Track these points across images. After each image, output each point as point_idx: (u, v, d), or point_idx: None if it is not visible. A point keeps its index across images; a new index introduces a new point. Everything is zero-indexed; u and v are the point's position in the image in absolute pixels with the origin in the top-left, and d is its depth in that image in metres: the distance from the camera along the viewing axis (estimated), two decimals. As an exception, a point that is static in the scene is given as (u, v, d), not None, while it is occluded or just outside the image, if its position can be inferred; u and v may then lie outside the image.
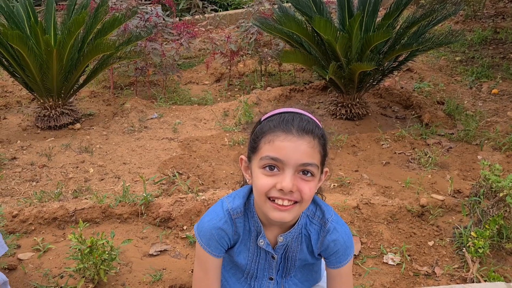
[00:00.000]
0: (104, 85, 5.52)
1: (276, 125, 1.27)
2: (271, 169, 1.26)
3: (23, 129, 4.28)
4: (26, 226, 2.69)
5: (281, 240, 1.45)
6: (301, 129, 1.25)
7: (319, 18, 3.47)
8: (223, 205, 1.44)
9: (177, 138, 3.98)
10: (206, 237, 1.43)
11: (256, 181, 1.29)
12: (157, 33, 5.00)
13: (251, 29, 5.11)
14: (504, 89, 4.91)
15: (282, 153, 1.23)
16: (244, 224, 1.45)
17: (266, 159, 1.25)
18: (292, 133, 1.24)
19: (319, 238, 1.46)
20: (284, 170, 1.25)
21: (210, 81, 5.78)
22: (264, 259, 1.51)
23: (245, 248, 1.49)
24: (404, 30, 3.96)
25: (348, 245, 1.46)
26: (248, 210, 1.44)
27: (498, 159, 3.48)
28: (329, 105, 4.46)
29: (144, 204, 2.77)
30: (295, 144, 1.23)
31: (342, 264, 1.47)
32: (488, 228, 2.33)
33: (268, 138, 1.26)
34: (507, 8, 8.42)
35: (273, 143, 1.25)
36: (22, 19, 4.14)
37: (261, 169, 1.27)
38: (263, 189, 1.27)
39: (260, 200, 1.32)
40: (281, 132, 1.25)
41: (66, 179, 3.35)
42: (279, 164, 1.25)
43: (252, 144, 1.32)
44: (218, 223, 1.42)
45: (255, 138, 1.31)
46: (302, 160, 1.24)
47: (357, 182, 3.22)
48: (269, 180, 1.26)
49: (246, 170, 1.39)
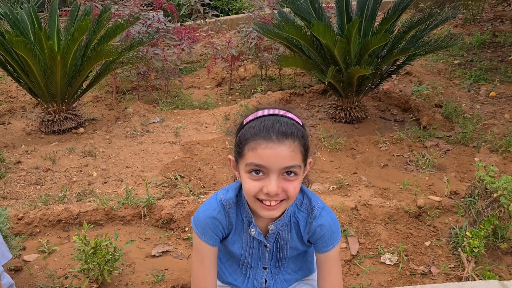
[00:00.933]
0: (106, 90, 5.59)
1: (257, 132, 1.34)
2: (257, 173, 1.34)
3: (27, 134, 4.35)
4: (31, 228, 2.75)
5: (272, 228, 1.54)
6: (280, 135, 1.32)
7: (318, 23, 3.53)
8: (217, 197, 1.54)
9: (179, 142, 4.04)
10: (201, 226, 1.52)
11: (244, 185, 1.39)
12: (159, 38, 5.08)
13: (252, 34, 5.17)
14: (502, 92, 4.97)
15: (265, 160, 1.31)
16: (236, 214, 1.54)
17: (250, 165, 1.34)
18: (273, 140, 1.31)
19: (307, 224, 1.54)
20: (268, 174, 1.33)
21: (211, 86, 5.85)
22: (257, 249, 1.59)
23: (238, 238, 1.57)
24: (401, 34, 4.02)
25: (334, 230, 1.54)
26: (239, 202, 1.53)
27: (494, 161, 3.53)
28: (328, 108, 4.51)
29: (146, 206, 2.83)
30: (276, 150, 1.31)
31: (329, 248, 1.54)
32: (483, 228, 2.38)
33: (251, 146, 1.33)
34: (505, 11, 8.48)
35: (256, 151, 1.32)
36: (26, 26, 4.22)
37: (248, 174, 1.36)
38: (251, 193, 1.36)
39: (249, 201, 1.42)
40: (262, 140, 1.32)
41: (70, 183, 3.42)
42: (263, 169, 1.33)
43: (237, 149, 1.40)
44: (212, 213, 1.51)
45: (239, 144, 1.39)
46: (284, 164, 1.32)
47: (356, 184, 3.27)
48: (256, 184, 1.34)
49: (235, 169, 1.48)
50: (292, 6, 4.14)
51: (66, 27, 4.40)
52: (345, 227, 2.68)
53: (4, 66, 4.17)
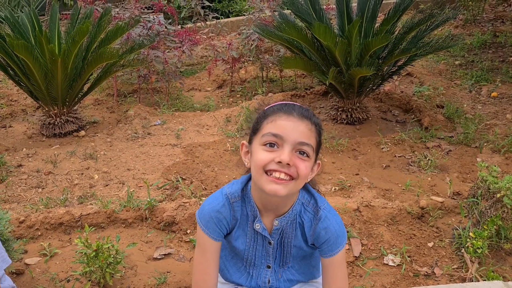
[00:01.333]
0: (107, 93, 5.59)
1: (279, 108, 1.41)
2: (272, 146, 1.37)
3: (29, 137, 4.35)
4: (33, 231, 2.74)
5: (276, 224, 1.53)
6: (301, 114, 1.39)
7: (319, 24, 3.53)
8: (223, 191, 1.55)
9: (180, 144, 4.03)
10: (205, 220, 1.53)
11: (256, 156, 1.40)
12: (159, 41, 5.08)
13: (252, 36, 5.17)
14: (504, 92, 4.96)
15: (283, 130, 1.36)
16: (241, 209, 1.54)
17: (267, 136, 1.37)
18: (293, 115, 1.38)
19: (312, 225, 1.53)
20: (283, 146, 1.36)
21: (212, 88, 5.85)
22: (262, 246, 1.59)
23: (243, 233, 1.57)
24: (402, 35, 4.01)
25: (339, 234, 1.53)
26: (245, 196, 1.54)
27: (497, 161, 3.51)
28: (330, 110, 4.51)
29: (148, 209, 2.83)
30: (295, 124, 1.36)
31: (334, 252, 1.53)
32: (487, 229, 2.37)
33: (271, 119, 1.39)
34: (506, 12, 8.48)
35: (275, 122, 1.38)
36: (27, 29, 4.22)
37: (262, 146, 1.39)
38: (262, 162, 1.37)
39: (257, 174, 1.40)
40: (283, 113, 1.39)
41: (72, 185, 3.41)
42: (279, 141, 1.36)
43: (255, 126, 1.44)
44: (217, 206, 1.52)
45: (258, 121, 1.43)
46: (300, 138, 1.36)
47: (358, 185, 3.26)
48: (269, 154, 1.37)
49: (246, 155, 1.50)
50: (292, 8, 4.14)
51: (67, 30, 4.40)
52: (347, 229, 2.67)
53: (5, 70, 4.17)
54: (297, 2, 4.21)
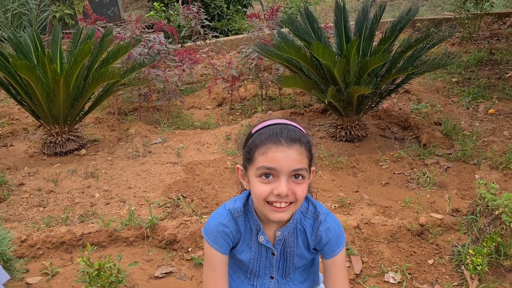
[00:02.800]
0: (108, 111, 5.64)
1: (267, 137, 1.43)
2: (267, 177, 1.41)
3: (30, 156, 4.37)
4: (34, 250, 2.75)
5: (279, 234, 1.59)
6: (289, 139, 1.41)
7: (318, 43, 3.59)
8: (225, 206, 1.60)
9: (180, 162, 4.06)
10: (212, 235, 1.57)
11: (254, 188, 1.45)
12: (160, 60, 5.14)
13: (252, 55, 5.24)
14: (501, 109, 5.01)
15: (275, 163, 1.39)
16: (245, 223, 1.59)
17: (261, 169, 1.41)
18: (282, 144, 1.40)
19: (313, 230, 1.60)
20: (278, 177, 1.40)
21: (212, 106, 5.90)
22: (265, 257, 1.63)
23: (247, 247, 1.62)
24: (400, 54, 4.07)
25: (339, 234, 1.60)
26: (247, 211, 1.59)
27: (495, 178, 3.54)
28: (329, 127, 4.55)
29: (149, 227, 2.84)
30: (285, 153, 1.39)
31: (335, 253, 1.60)
32: (486, 246, 2.39)
33: (261, 150, 1.41)
34: (501, 30, 8.60)
35: (266, 155, 1.40)
36: (30, 49, 4.28)
37: (258, 178, 1.43)
38: (261, 196, 1.42)
39: (259, 205, 1.47)
40: (272, 144, 1.40)
41: (73, 204, 3.43)
42: (273, 172, 1.40)
43: (247, 155, 1.47)
44: (223, 221, 1.57)
45: (249, 150, 1.46)
46: (294, 166, 1.40)
47: (358, 202, 3.28)
48: (266, 187, 1.41)
49: (243, 178, 1.54)
50: (291, 27, 4.21)
51: (69, 50, 4.46)
52: (348, 246, 2.68)
53: (7, 89, 4.21)
54: (295, 21, 4.28)
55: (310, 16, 4.41)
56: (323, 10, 11.66)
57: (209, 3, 9.82)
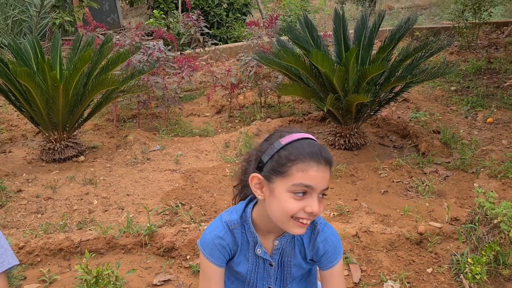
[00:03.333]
0: (107, 118, 5.64)
1: (309, 155, 1.40)
2: (302, 194, 1.40)
3: (28, 162, 4.37)
4: (32, 257, 2.74)
5: (277, 243, 1.58)
6: (327, 161, 1.42)
7: (317, 51, 3.60)
8: (222, 218, 1.58)
9: (179, 170, 4.06)
10: (209, 247, 1.56)
11: (283, 203, 1.41)
12: (159, 67, 5.16)
13: (251, 62, 5.26)
14: (499, 118, 5.02)
15: (314, 182, 1.39)
16: (242, 235, 1.58)
17: (299, 186, 1.38)
18: (322, 164, 1.40)
19: (311, 240, 1.60)
20: (312, 195, 1.40)
21: (211, 113, 5.91)
22: (263, 268, 1.62)
23: (244, 258, 1.61)
24: (398, 62, 4.09)
25: (336, 245, 1.60)
26: (244, 222, 1.57)
27: (494, 186, 3.54)
28: (327, 135, 4.55)
29: (148, 234, 2.83)
30: (323, 174, 1.40)
31: (333, 264, 1.59)
32: (485, 255, 2.39)
33: (301, 167, 1.39)
34: (499, 39, 8.65)
35: (307, 172, 1.38)
36: (30, 56, 4.28)
37: (291, 194, 1.40)
38: (291, 212, 1.40)
39: (283, 219, 1.43)
40: (314, 162, 1.39)
41: (71, 211, 3.42)
42: (309, 190, 1.39)
43: (278, 168, 1.42)
44: (219, 233, 1.55)
45: (283, 163, 1.41)
46: (325, 185, 1.42)
47: (356, 210, 3.28)
48: (298, 204, 1.40)
49: (259, 188, 1.49)
50: (290, 35, 4.22)
51: (69, 57, 4.47)
52: (346, 255, 2.67)
53: (6, 95, 4.21)
54: (295, 29, 4.30)
55: (309, 24, 4.43)
56: (322, 19, 11.72)
57: (208, 11, 9.87)
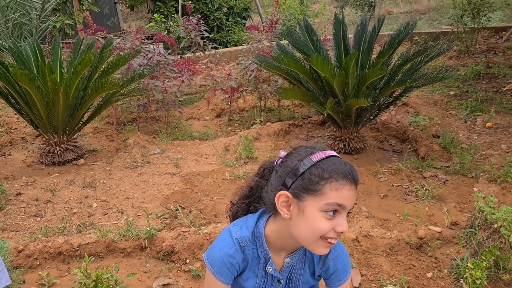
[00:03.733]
0: (107, 121, 5.64)
1: (342, 174, 1.38)
2: (334, 213, 1.38)
3: (28, 165, 4.36)
4: (31, 261, 2.73)
5: (288, 261, 1.55)
6: (356, 180, 1.41)
7: (317, 56, 3.61)
8: (232, 234, 1.52)
9: (179, 173, 4.05)
10: (217, 266, 1.50)
11: (315, 223, 1.38)
12: (159, 70, 5.16)
13: (251, 66, 5.26)
14: (498, 122, 5.03)
15: (346, 201, 1.37)
16: (252, 251, 1.53)
17: (333, 205, 1.36)
18: (353, 183, 1.39)
19: (321, 258, 1.57)
20: (342, 214, 1.39)
21: (211, 117, 5.91)
22: (270, 285, 1.59)
23: (253, 274, 1.56)
24: (398, 67, 4.10)
25: (346, 263, 1.58)
26: (256, 239, 1.52)
27: (493, 191, 3.55)
28: (327, 139, 4.56)
29: (147, 238, 2.83)
30: (353, 193, 1.39)
31: (342, 282, 1.58)
32: (485, 259, 2.39)
33: (335, 186, 1.36)
34: (498, 44, 8.68)
35: (341, 192, 1.36)
36: (30, 59, 4.29)
37: (323, 213, 1.37)
38: (323, 232, 1.37)
39: (310, 239, 1.40)
40: (347, 181, 1.38)
41: (70, 214, 3.41)
42: (340, 209, 1.37)
43: (310, 186, 1.38)
44: (229, 251, 1.50)
45: (316, 181, 1.38)
46: (353, 205, 1.42)
47: (356, 214, 3.28)
48: (329, 223, 1.37)
49: (286, 206, 1.44)
50: (290, 39, 4.23)
51: (69, 60, 4.48)
52: (346, 259, 2.67)
53: (6, 98, 4.21)
54: (294, 33, 4.31)
55: (309, 28, 4.44)
56: (321, 23, 11.75)
57: (208, 15, 9.90)
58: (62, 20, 7.52)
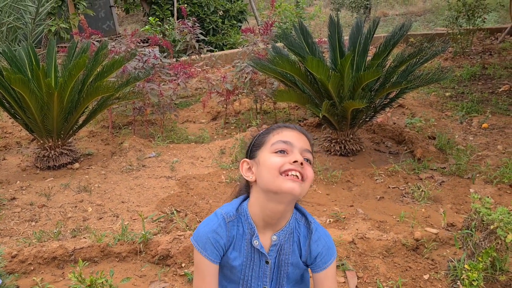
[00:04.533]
0: (102, 125, 5.62)
1: (280, 125, 1.59)
2: (282, 153, 1.49)
3: (23, 170, 4.34)
4: (25, 266, 2.71)
5: (275, 239, 1.58)
6: (300, 129, 1.58)
7: (312, 58, 3.60)
8: (217, 212, 1.60)
9: (174, 176, 4.04)
10: (202, 241, 1.56)
11: (268, 162, 1.49)
12: (154, 73, 5.15)
13: (246, 69, 5.25)
14: (494, 123, 5.04)
15: (291, 138, 1.51)
16: (237, 228, 1.59)
17: (278, 144, 1.50)
18: (295, 129, 1.57)
19: (306, 240, 1.61)
20: (293, 151, 1.49)
21: (206, 120, 5.90)
22: (258, 266, 1.61)
23: (239, 253, 1.60)
24: (393, 68, 4.09)
25: (330, 245, 1.62)
26: (241, 215, 1.60)
27: (489, 192, 3.54)
28: (323, 141, 4.55)
29: (142, 242, 2.81)
30: (299, 135, 1.55)
31: (327, 265, 1.61)
32: (481, 261, 2.38)
33: (276, 132, 1.55)
34: (493, 45, 8.70)
35: (282, 133, 1.54)
36: (24, 63, 4.27)
37: (273, 153, 1.50)
38: (278, 164, 1.46)
39: (272, 177, 1.47)
40: (285, 127, 1.57)
41: (65, 219, 3.39)
42: (288, 147, 1.49)
43: (259, 142, 1.57)
44: (213, 226, 1.56)
45: (262, 138, 1.57)
46: (305, 146, 1.53)
47: (352, 217, 3.26)
48: (282, 158, 1.47)
49: (248, 171, 1.58)
50: (285, 42, 4.23)
51: (63, 63, 4.46)
52: (343, 261, 2.66)
53: (1, 103, 4.19)
54: (290, 35, 4.31)
55: (305, 31, 4.44)
56: (317, 25, 11.77)
57: (204, 18, 9.90)
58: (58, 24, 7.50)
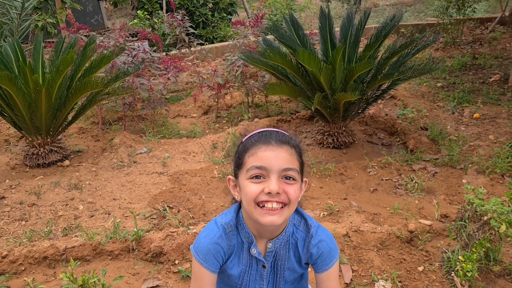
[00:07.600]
0: (92, 121, 5.55)
1: (257, 140, 1.43)
2: (258, 178, 1.39)
3: (12, 168, 4.27)
4: (16, 266, 2.67)
5: (270, 246, 1.56)
6: (279, 140, 1.42)
7: (303, 50, 3.57)
8: (217, 222, 1.55)
9: (166, 172, 4.00)
10: (203, 253, 1.52)
11: (244, 190, 1.42)
12: (144, 68, 5.09)
13: (237, 62, 5.21)
14: (485, 113, 5.04)
15: (265, 161, 1.38)
16: (236, 237, 1.56)
17: (252, 170, 1.39)
18: (272, 144, 1.40)
19: (305, 243, 1.58)
20: (269, 176, 1.38)
21: (198, 114, 5.85)
22: (255, 270, 1.59)
23: (238, 260, 1.58)
24: (385, 60, 4.07)
25: (332, 247, 1.58)
26: (238, 224, 1.56)
27: (482, 182, 3.55)
28: (316, 134, 4.53)
29: (135, 239, 2.77)
30: (275, 152, 1.39)
31: (328, 266, 1.58)
32: (475, 252, 2.37)
33: (251, 152, 1.41)
34: (483, 35, 8.71)
35: (256, 155, 1.40)
36: (11, 59, 4.19)
37: (249, 180, 1.40)
38: (252, 195, 1.39)
39: (250, 208, 1.42)
40: (261, 144, 1.41)
41: (56, 217, 3.34)
42: (264, 172, 1.39)
43: (237, 161, 1.46)
44: (214, 238, 1.52)
45: (240, 156, 1.45)
46: (284, 165, 1.39)
47: (346, 210, 3.25)
48: (257, 186, 1.39)
49: (234, 188, 1.52)
50: (276, 34, 4.19)
51: (51, 59, 4.39)
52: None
53: (-13, 100, 4.12)
54: (281, 28, 4.27)
55: (295, 23, 4.40)
56: (308, 17, 11.71)
57: (193, 10, 9.80)
58: (44, 19, 7.39)
